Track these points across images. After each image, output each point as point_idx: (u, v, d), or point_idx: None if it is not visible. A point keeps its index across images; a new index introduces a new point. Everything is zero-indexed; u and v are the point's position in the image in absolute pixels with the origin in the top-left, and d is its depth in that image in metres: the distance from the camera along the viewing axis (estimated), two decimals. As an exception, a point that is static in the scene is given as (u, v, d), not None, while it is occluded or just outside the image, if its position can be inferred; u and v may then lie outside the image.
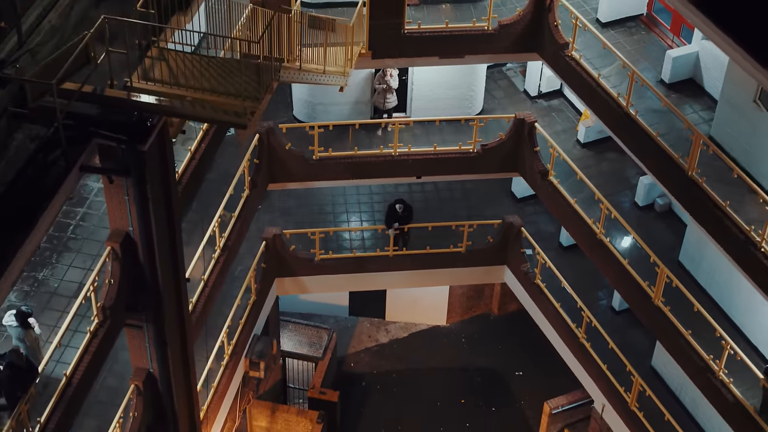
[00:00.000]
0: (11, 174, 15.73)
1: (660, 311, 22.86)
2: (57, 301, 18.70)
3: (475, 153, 26.40)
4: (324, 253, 27.69)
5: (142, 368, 19.87)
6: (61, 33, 17.92)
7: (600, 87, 23.00)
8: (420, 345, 33.25)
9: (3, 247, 14.75)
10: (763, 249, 19.55)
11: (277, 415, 28.68)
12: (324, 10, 25.09)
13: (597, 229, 24.42)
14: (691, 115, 22.76)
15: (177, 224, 18.52)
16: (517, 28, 24.21)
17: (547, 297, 27.03)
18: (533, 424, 30.83)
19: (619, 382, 25.12)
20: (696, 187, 20.85)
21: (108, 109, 16.80)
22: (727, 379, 21.46)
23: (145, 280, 18.42)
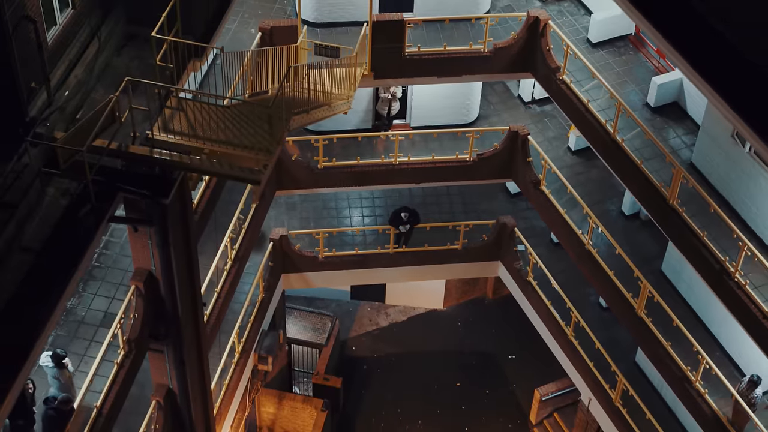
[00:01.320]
0: (47, 231, 17.29)
1: (642, 322, 24.48)
2: (85, 330, 20.30)
3: (471, 162, 27.81)
4: (328, 251, 29.26)
5: (163, 384, 21.58)
6: (87, 85, 19.28)
7: (589, 112, 24.36)
8: (418, 329, 34.99)
9: (42, 302, 16.36)
10: (737, 279, 21.11)
11: (284, 402, 30.51)
12: (328, 29, 26.41)
13: (585, 240, 25.95)
14: (674, 140, 24.19)
15: (195, 263, 20.08)
16: (512, 51, 25.49)
17: (538, 294, 28.65)
18: (525, 407, 32.68)
19: (605, 378, 26.82)
20: (676, 215, 22.35)
21: (132, 163, 18.24)
22: (702, 390, 23.16)
23: (166, 311, 20.04)
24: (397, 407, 32.71)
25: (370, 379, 33.50)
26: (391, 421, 32.34)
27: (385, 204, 30.82)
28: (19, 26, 17.04)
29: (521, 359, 33.84)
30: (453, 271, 30.64)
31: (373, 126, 28.79)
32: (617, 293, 25.08)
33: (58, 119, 18.40)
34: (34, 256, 16.90)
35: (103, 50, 19.80)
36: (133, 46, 20.58)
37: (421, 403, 32.81)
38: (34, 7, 17.60)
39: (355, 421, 32.32)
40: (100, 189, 17.67)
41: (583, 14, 27.06)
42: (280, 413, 30.74)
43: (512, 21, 26.76)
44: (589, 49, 26.11)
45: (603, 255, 25.80)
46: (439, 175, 28.08)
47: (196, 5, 20.35)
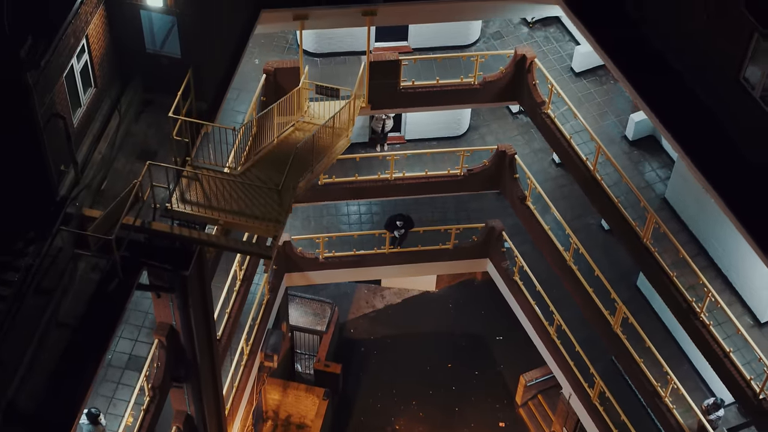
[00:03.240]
0: (81, 307, 19.33)
1: (617, 337, 26.67)
2: (112, 373, 22.44)
3: (461, 176, 29.65)
4: (328, 252, 31.27)
5: (182, 411, 23.85)
6: (110, 160, 21.08)
7: (571, 148, 26.16)
8: (412, 311, 37.23)
9: (78, 378, 18.47)
10: (702, 319, 23.25)
11: (288, 391, 32.90)
12: (328, 59, 28.00)
13: (567, 257, 27.96)
14: (649, 173, 26.07)
15: (212, 316, 22.15)
16: (500, 84, 27.16)
17: (523, 293, 30.76)
18: (511, 387, 35.12)
19: (584, 377, 29.08)
20: (648, 253, 24.36)
21: (155, 237, 20.15)
22: (671, 405, 25.47)
23: (186, 357, 22.17)
24: (393, 388, 35.14)
25: (367, 361, 35.86)
26: (387, 402, 34.80)
27: (382, 202, 32.67)
28: (49, 122, 18.82)
29: (508, 340, 36.13)
30: (444, 267, 32.72)
31: (369, 140, 30.50)
32: (596, 309, 27.18)
33: (85, 195, 20.29)
34: (70, 332, 18.99)
35: (123, 121, 21.53)
36: (150, 112, 22.37)
37: (415, 384, 35.22)
38: (63, 104, 19.35)
39: (353, 403, 34.79)
40: (126, 264, 19.66)
41: (568, 40, 28.62)
42: (285, 400, 33.16)
43: (501, 49, 28.36)
44: (572, 78, 27.78)
45: (584, 270, 27.78)
46: (432, 189, 29.92)
47: (207, 72, 22.03)
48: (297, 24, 24.64)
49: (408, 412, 34.63)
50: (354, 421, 34.35)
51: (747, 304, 23.74)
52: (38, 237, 19.13)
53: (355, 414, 34.48)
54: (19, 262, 18.80)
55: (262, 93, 25.76)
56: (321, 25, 25.18)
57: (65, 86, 19.36)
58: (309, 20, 24.59)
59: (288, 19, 24.54)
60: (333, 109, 25.31)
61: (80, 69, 19.95)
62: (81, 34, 19.59)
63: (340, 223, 32.29)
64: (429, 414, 34.55)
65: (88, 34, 19.92)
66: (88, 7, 19.66)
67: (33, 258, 18.83)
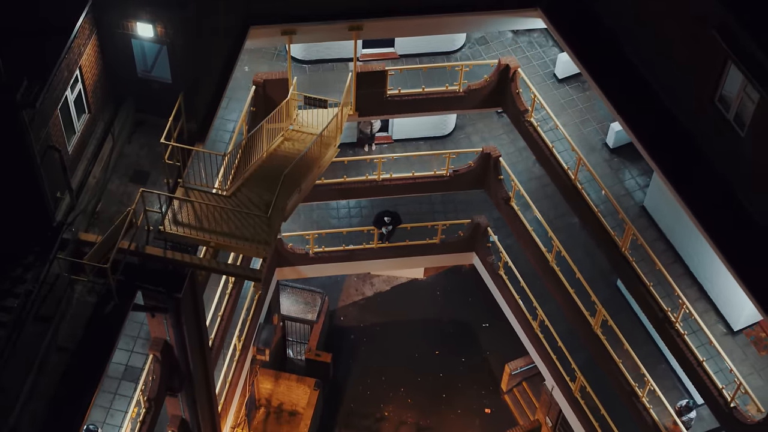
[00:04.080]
0: (79, 331, 20.14)
1: (597, 338, 27.57)
2: (109, 384, 23.32)
3: (447, 177, 30.37)
4: (318, 248, 32.06)
5: (177, 416, 24.78)
6: (104, 183, 21.78)
7: (553, 156, 26.87)
8: (401, 298, 38.12)
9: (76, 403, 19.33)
10: (677, 328, 24.13)
11: (280, 381, 33.87)
12: (316, 66, 28.60)
13: (549, 258, 28.77)
14: (629, 181, 26.82)
15: (205, 331, 22.99)
16: (484, 92, 27.79)
17: (508, 288, 31.61)
18: (497, 374, 36.13)
19: (566, 371, 30.01)
20: (626, 263, 25.18)
21: (148, 261, 20.92)
22: (648, 405, 26.43)
23: (180, 369, 23.04)
24: (382, 375, 36.12)
25: (357, 349, 36.81)
26: (376, 389, 35.81)
27: (371, 213, 33.20)
28: (46, 155, 19.52)
29: (494, 327, 37.04)
30: (431, 260, 33.55)
31: (357, 140, 31.16)
32: (577, 310, 28.04)
33: (81, 220, 21.02)
34: (68, 357, 19.81)
35: (116, 144, 22.20)
36: (142, 132, 23.05)
37: (404, 371, 36.21)
38: (58, 135, 20.04)
39: (344, 390, 35.79)
40: (122, 287, 20.46)
41: (552, 45, 29.22)
42: (277, 389, 34.15)
43: (486, 54, 28.96)
44: (555, 85, 28.42)
45: (566, 271, 28.59)
46: (418, 189, 30.63)
47: (197, 94, 22.66)
48: (285, 38, 25.20)
49: (397, 398, 35.66)
50: (344, 407, 35.39)
51: (721, 312, 24.60)
52: (36, 263, 19.91)
53: (345, 401, 35.51)
54: (19, 288, 19.62)
55: (251, 104, 26.36)
56: (308, 39, 25.74)
57: (60, 117, 20.02)
58: (296, 35, 25.16)
59: (276, 35, 25.11)
60: (321, 116, 26.04)
61: (74, 99, 20.61)
62: (74, 67, 20.23)
63: (330, 217, 33.01)
64: (417, 400, 35.59)
65: (81, 65, 20.54)
66: (81, 40, 20.28)
67: (32, 284, 19.61)
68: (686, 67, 22.16)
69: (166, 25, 20.69)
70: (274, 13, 24.54)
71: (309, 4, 24.53)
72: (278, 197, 21.81)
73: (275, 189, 22.21)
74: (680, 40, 22.04)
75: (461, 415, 35.36)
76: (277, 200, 21.70)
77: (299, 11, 24.66)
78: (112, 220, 21.12)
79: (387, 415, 35.27)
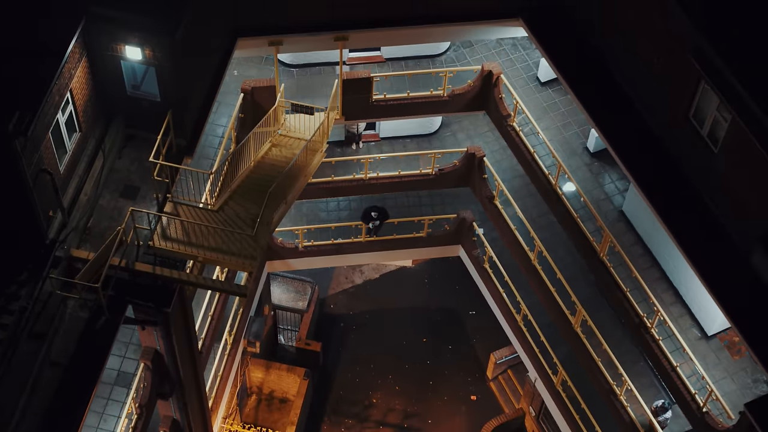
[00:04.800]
0: (71, 346, 20.87)
1: (578, 336, 28.35)
2: (101, 389, 24.05)
3: (433, 176, 31.00)
4: (307, 242, 32.75)
5: (168, 416, 25.61)
6: (95, 199, 22.42)
7: (534, 161, 27.50)
8: (389, 286, 38.89)
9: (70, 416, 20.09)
10: (652, 333, 24.92)
11: (271, 370, 34.71)
12: (303, 70, 29.13)
13: (531, 256, 29.48)
14: (609, 185, 27.48)
15: (195, 339, 23.73)
16: (468, 96, 28.36)
17: (493, 281, 32.35)
18: (483, 361, 36.98)
19: (549, 364, 30.82)
20: (604, 268, 25.91)
21: (138, 276, 21.63)
22: (625, 403, 27.26)
23: (170, 376, 23.81)
24: (371, 363, 36.98)
25: (346, 337, 37.63)
26: (365, 376, 36.68)
27: (360, 208, 33.74)
28: (38, 177, 20.15)
29: (481, 315, 37.81)
30: (418, 253, 34.26)
31: (345, 138, 31.75)
32: (558, 308, 28.80)
33: (73, 236, 21.69)
34: (62, 371, 20.55)
35: (107, 160, 22.81)
36: (132, 147, 23.65)
37: (392, 359, 37.06)
38: (50, 157, 20.66)
39: (333, 377, 36.66)
40: (112, 302, 21.18)
41: (535, 48, 29.67)
42: (268, 378, 35.01)
43: (470, 57, 29.49)
44: (538, 88, 28.99)
45: (548, 270, 29.29)
46: (405, 187, 31.27)
47: (186, 110, 23.24)
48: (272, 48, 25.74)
49: (385, 386, 36.54)
50: (334, 395, 36.28)
51: (696, 317, 25.38)
52: (30, 280, 20.63)
53: (334, 388, 36.39)
54: (13, 305, 20.35)
55: (240, 110, 26.91)
56: (295, 49, 26.29)
57: (51, 140, 20.61)
58: (283, 45, 25.68)
59: (263, 45, 25.64)
60: (309, 120, 26.64)
61: (65, 120, 21.17)
62: (65, 90, 20.79)
63: (319, 210, 33.62)
64: (405, 388, 36.49)
65: (72, 88, 21.09)
66: (71, 64, 20.82)
67: (26, 300, 20.34)
68: (662, 82, 22.79)
69: (154, 48, 21.22)
70: (262, 25, 25.05)
71: (295, 17, 25.02)
72: (264, 212, 22.47)
73: (262, 201, 22.89)
74: (657, 56, 22.64)
75: (447, 402, 36.27)
76: (263, 216, 22.36)
77: (286, 23, 25.17)
78: (104, 235, 21.85)
79: (375, 402, 36.18)
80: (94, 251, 21.43)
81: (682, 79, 21.96)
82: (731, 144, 21.27)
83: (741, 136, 20.60)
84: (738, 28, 20.80)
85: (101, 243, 21.38)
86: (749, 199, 21.13)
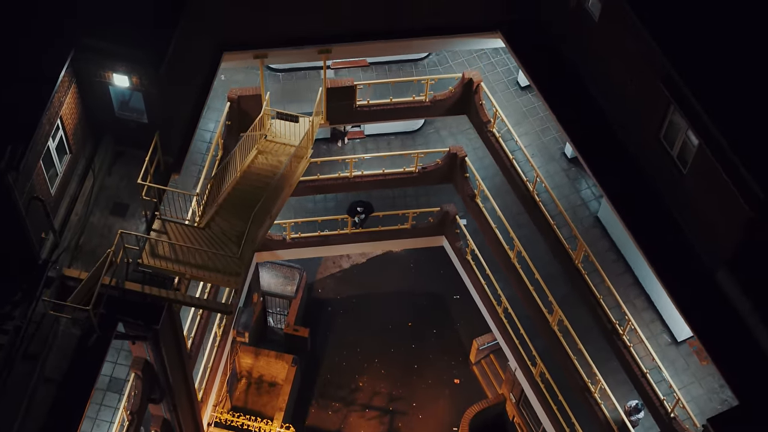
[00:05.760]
0: (65, 363, 21.80)
1: (554, 334, 29.33)
2: (94, 395, 25.02)
3: (416, 174, 31.78)
4: (294, 234, 33.60)
5: (159, 416, 26.66)
6: (86, 218, 23.21)
7: (513, 168, 28.28)
8: (376, 270, 39.81)
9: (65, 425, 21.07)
10: (624, 340, 25.90)
11: (260, 357, 35.75)
12: (289, 74, 29.77)
13: (511, 255, 30.36)
14: (585, 191, 28.28)
15: (184, 348, 24.67)
16: (450, 102, 29.06)
17: (475, 273, 33.26)
18: (466, 345, 38.02)
19: (529, 356, 31.85)
20: (579, 275, 26.82)
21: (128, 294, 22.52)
22: (599, 401, 28.32)
23: (160, 382, 24.81)
24: (357, 347, 38.03)
25: (334, 321, 38.64)
26: (351, 360, 37.76)
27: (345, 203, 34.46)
28: (30, 204, 20.95)
29: (464, 299, 38.68)
30: (403, 243, 35.15)
31: (331, 135, 32.46)
32: (536, 306, 29.74)
33: (64, 256, 22.54)
34: (56, 388, 21.50)
35: (96, 179, 23.57)
36: (121, 164, 24.37)
37: (378, 343, 38.10)
38: (41, 183, 21.44)
39: (321, 361, 37.73)
40: (103, 320, 22.08)
41: (516, 52, 30.34)
42: (257, 363, 36.06)
43: (452, 61, 30.13)
44: (518, 92, 29.67)
45: (527, 268, 30.18)
46: (389, 185, 32.06)
47: (172, 128, 23.97)
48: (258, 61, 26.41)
49: (371, 369, 37.63)
50: (321, 379, 37.38)
51: (666, 323, 26.34)
52: (24, 300, 21.53)
53: (322, 372, 37.49)
54: (8, 324, 21.27)
55: (227, 118, 27.62)
56: (280, 61, 26.97)
57: (42, 166, 21.36)
58: (268, 57, 26.33)
59: (249, 58, 26.28)
60: (294, 126, 27.39)
61: (56, 146, 21.90)
62: (55, 119, 21.51)
63: (306, 201, 34.46)
64: (390, 371, 37.59)
65: (62, 115, 21.79)
66: (61, 93, 21.51)
67: (20, 320, 21.25)
68: (634, 103, 23.52)
69: (141, 77, 21.90)
70: (247, 40, 25.66)
71: (279, 32, 25.62)
72: (249, 231, 23.31)
73: (247, 216, 23.72)
74: (630, 78, 23.34)
75: (432, 386, 37.38)
76: (248, 234, 23.20)
77: (270, 37, 25.78)
78: (95, 253, 22.71)
79: (361, 386, 37.29)
80: (86, 268, 22.31)
81: (653, 102, 22.68)
82: (699, 168, 22.05)
83: (708, 163, 21.38)
84: (708, 58, 21.47)
85: (92, 260, 22.29)
86: (716, 222, 21.96)
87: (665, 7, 22.11)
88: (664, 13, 22.07)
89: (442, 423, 36.62)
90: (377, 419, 36.52)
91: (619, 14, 22.92)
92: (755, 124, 20.76)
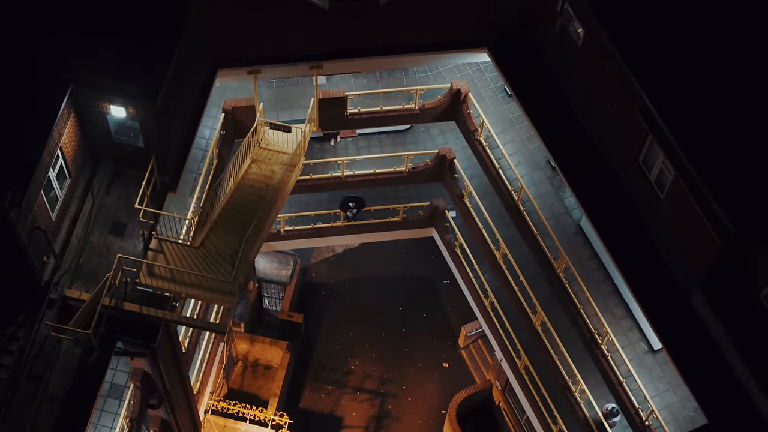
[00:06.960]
0: (67, 381, 22.90)
1: (538, 334, 30.43)
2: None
3: (406, 173, 32.65)
4: (288, 227, 34.57)
5: (158, 417, 27.87)
6: (86, 238, 24.16)
7: (499, 176, 29.15)
8: (368, 255, 40.82)
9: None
10: (602, 348, 26.99)
11: (255, 343, 36.92)
12: (283, 81, 30.51)
13: (497, 255, 31.35)
14: (569, 199, 29.17)
15: (181, 360, 25.77)
16: (438, 110, 29.83)
17: (463, 266, 34.29)
18: (455, 329, 39.17)
19: (514, 350, 32.99)
20: (560, 284, 27.84)
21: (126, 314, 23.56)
22: (579, 400, 29.49)
23: (159, 390, 25.95)
24: (350, 330, 39.19)
25: (327, 305, 39.75)
26: (344, 344, 38.94)
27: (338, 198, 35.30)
28: (32, 235, 21.92)
29: (454, 283, 39.70)
30: (394, 235, 36.10)
31: (323, 134, 33.25)
32: (520, 305, 30.81)
33: (65, 277, 23.54)
34: (59, 406, 22.62)
35: (95, 201, 24.48)
36: (119, 184, 25.23)
37: (370, 327, 39.26)
38: (43, 212, 22.35)
39: (314, 345, 38.91)
40: (103, 339, 23.14)
41: (504, 58, 31.01)
42: (252, 349, 37.24)
43: (441, 67, 30.84)
44: (505, 99, 30.42)
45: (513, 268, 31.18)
46: (380, 184, 32.95)
47: (168, 150, 24.83)
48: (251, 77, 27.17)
49: (363, 353, 38.83)
50: (315, 362, 38.60)
51: (644, 332, 27.42)
52: (27, 322, 22.58)
53: (315, 356, 38.70)
54: (12, 345, 22.34)
55: (222, 128, 28.43)
56: (273, 76, 27.67)
57: (43, 195, 22.26)
58: (261, 73, 27.08)
59: (242, 74, 27.03)
60: (287, 135, 28.22)
61: (56, 174, 22.77)
62: (55, 150, 22.35)
63: (300, 194, 35.34)
64: (381, 355, 38.79)
65: (62, 145, 22.63)
66: (61, 125, 22.33)
67: (24, 340, 22.32)
68: (615, 126, 24.35)
69: (137, 108, 22.70)
70: (241, 58, 26.39)
71: (272, 50, 26.34)
72: (243, 251, 24.27)
73: (241, 232, 24.68)
74: (610, 103, 24.15)
75: (421, 369, 38.61)
76: (242, 254, 24.17)
77: (264, 55, 26.51)
78: (94, 272, 23.69)
79: (353, 369, 38.52)
80: (86, 287, 23.32)
81: (632, 128, 23.49)
82: (674, 197, 22.95)
83: (682, 193, 22.27)
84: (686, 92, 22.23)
85: (92, 279, 23.30)
86: (689, 247, 22.91)
87: (644, 39, 22.85)
88: (643, 45, 22.82)
89: (431, 406, 37.93)
90: (368, 402, 37.83)
91: (599, 43, 23.67)
92: (730, 158, 21.58)
